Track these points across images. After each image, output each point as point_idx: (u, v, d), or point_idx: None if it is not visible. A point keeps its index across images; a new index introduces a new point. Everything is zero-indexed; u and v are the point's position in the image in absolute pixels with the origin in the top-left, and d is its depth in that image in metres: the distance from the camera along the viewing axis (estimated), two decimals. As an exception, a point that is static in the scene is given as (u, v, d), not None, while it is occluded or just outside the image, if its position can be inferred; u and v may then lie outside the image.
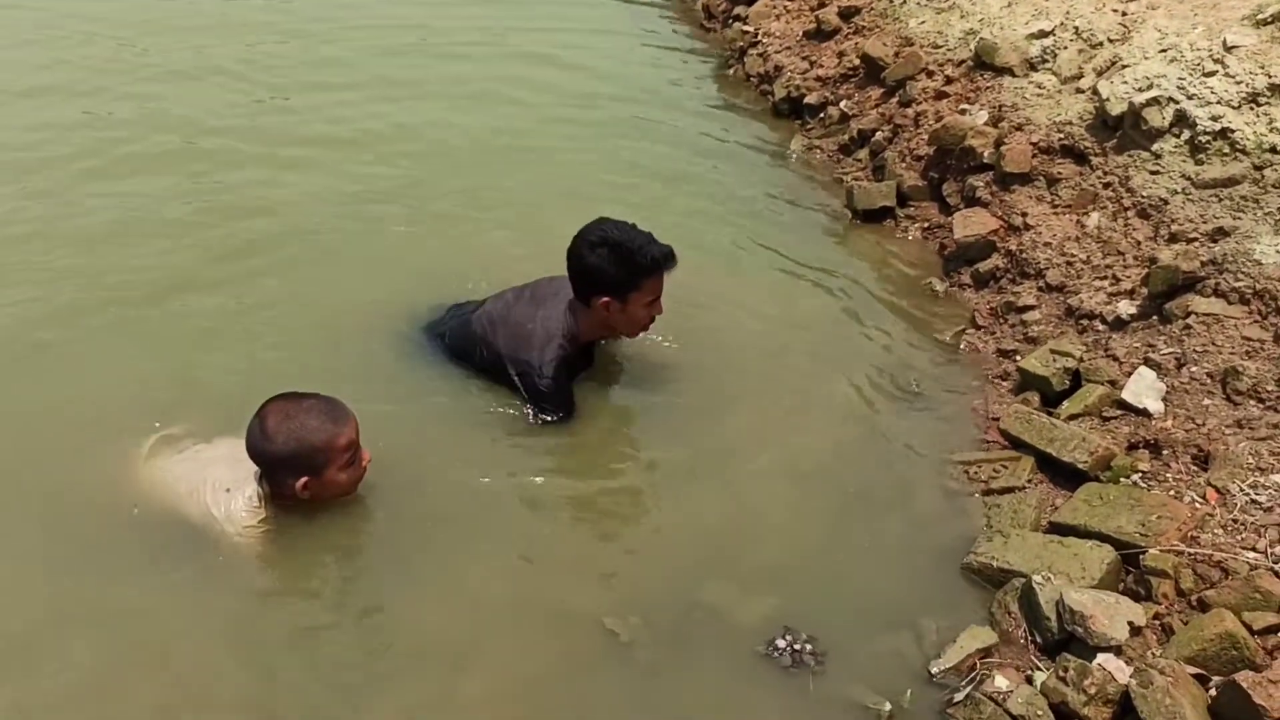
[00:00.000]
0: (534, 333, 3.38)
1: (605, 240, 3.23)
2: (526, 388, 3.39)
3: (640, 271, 3.26)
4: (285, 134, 5.23)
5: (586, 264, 3.26)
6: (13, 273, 3.92)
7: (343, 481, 2.91)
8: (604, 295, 3.28)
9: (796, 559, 3.00)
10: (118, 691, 2.50)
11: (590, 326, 3.43)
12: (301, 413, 2.82)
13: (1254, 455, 2.91)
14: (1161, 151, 3.83)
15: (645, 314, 3.38)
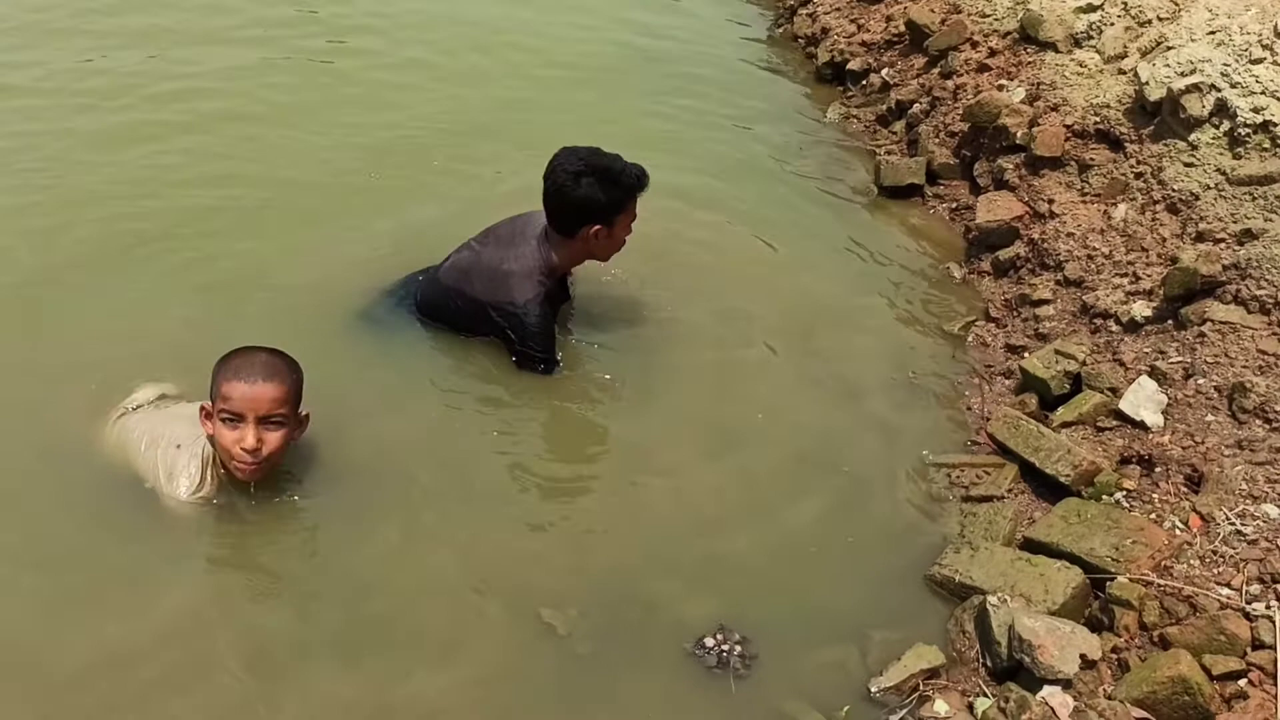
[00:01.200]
0: (511, 272, 3.32)
1: (590, 168, 3.20)
2: (513, 328, 3.33)
3: (626, 193, 3.26)
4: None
5: (576, 196, 3.20)
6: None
7: (221, 433, 2.66)
8: (595, 224, 3.25)
9: (750, 556, 2.89)
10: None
11: (568, 257, 3.39)
12: (241, 354, 2.70)
13: (1248, 481, 2.72)
14: (1198, 142, 3.59)
15: (623, 235, 3.37)
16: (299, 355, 2.80)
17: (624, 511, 3.02)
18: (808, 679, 2.55)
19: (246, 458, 2.61)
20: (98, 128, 4.54)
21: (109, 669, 2.44)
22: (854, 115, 5.19)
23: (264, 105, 4.84)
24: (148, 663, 2.46)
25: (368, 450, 3.09)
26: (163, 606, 2.60)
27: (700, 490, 3.11)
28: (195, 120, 4.65)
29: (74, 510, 2.79)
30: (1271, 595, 2.42)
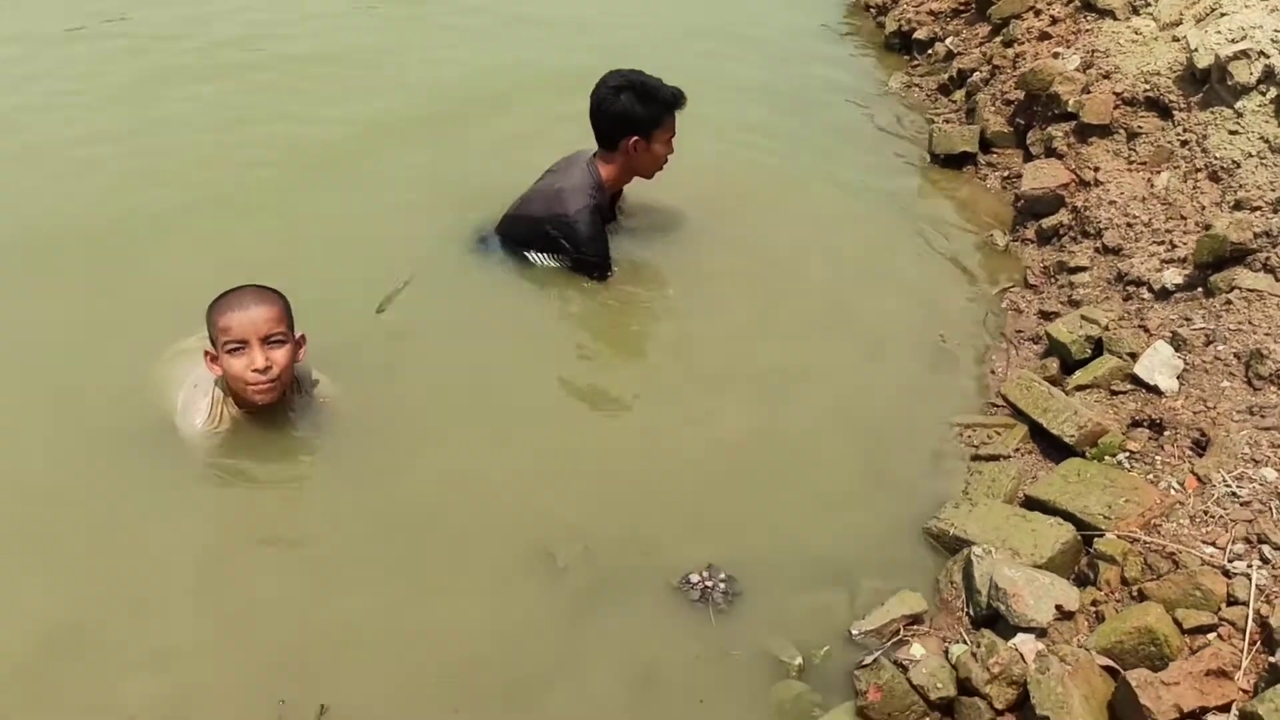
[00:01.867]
0: (563, 188, 3.67)
1: (629, 84, 3.58)
2: (568, 238, 3.66)
3: (663, 108, 3.60)
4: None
5: (614, 109, 3.58)
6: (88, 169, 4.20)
7: (229, 365, 2.81)
8: (632, 135, 3.60)
9: (756, 502, 2.98)
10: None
11: (613, 174, 3.73)
12: (228, 293, 2.85)
13: (1251, 445, 2.72)
14: (1244, 110, 3.54)
15: (664, 151, 3.70)
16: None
17: (645, 450, 3.16)
18: (792, 618, 2.63)
19: (260, 379, 2.77)
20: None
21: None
22: (916, 84, 5.21)
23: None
24: (163, 580, 2.66)
25: (407, 380, 3.30)
26: (180, 529, 2.80)
27: (722, 433, 3.21)
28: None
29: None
30: (1256, 555, 2.43)
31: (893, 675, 2.39)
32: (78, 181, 4.22)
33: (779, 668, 2.52)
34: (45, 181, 4.23)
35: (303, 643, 2.53)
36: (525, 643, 2.59)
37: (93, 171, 4.28)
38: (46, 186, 4.19)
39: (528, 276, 3.79)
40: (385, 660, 2.52)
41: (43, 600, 2.58)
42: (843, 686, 2.47)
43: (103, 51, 5.36)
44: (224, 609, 2.62)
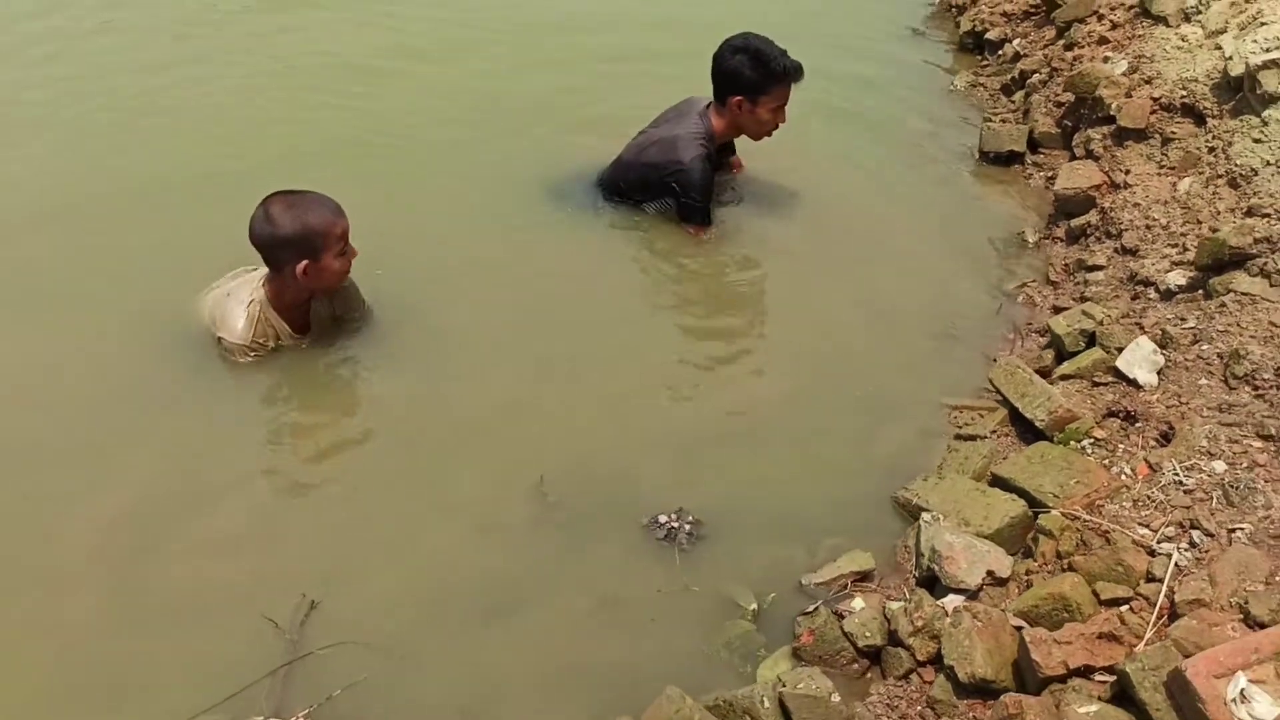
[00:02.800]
0: (679, 136, 3.96)
1: (746, 47, 3.81)
2: (679, 183, 3.96)
3: (771, 77, 3.82)
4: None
5: (727, 65, 3.84)
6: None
7: (335, 269, 3.22)
8: (738, 95, 3.85)
9: (746, 460, 3.19)
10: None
11: (723, 127, 3.99)
12: (304, 202, 3.15)
13: (1210, 439, 2.82)
14: (1270, 119, 3.60)
15: (771, 119, 3.94)
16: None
17: (654, 403, 3.42)
18: (751, 566, 2.84)
19: (350, 267, 3.28)
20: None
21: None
22: (981, 83, 5.30)
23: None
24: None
25: (456, 313, 3.69)
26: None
27: (733, 394, 3.48)
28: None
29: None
30: (1185, 539, 2.55)
31: (826, 621, 2.60)
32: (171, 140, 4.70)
33: (733, 608, 2.74)
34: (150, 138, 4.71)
35: (321, 547, 2.88)
36: (508, 568, 2.87)
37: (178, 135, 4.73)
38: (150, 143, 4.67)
39: (603, 228, 4.19)
40: (383, 573, 2.83)
41: (112, 492, 2.98)
42: (788, 631, 2.67)
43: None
44: (261, 512, 3.00)
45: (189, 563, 2.79)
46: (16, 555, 2.78)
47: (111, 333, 3.51)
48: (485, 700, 2.51)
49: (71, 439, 3.15)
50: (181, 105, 5.00)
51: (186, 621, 2.64)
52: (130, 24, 5.83)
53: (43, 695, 2.47)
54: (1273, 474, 2.65)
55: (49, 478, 3.03)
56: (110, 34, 5.73)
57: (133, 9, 5.98)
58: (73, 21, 5.80)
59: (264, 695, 2.46)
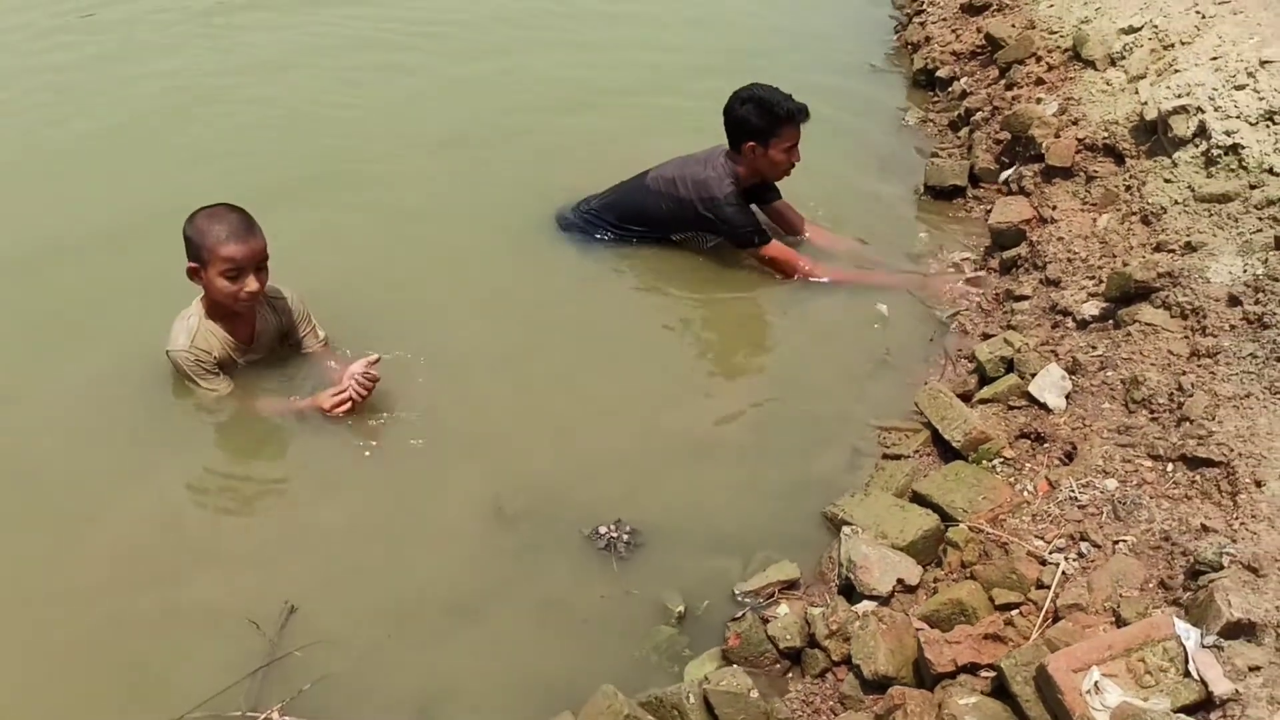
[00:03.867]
0: (710, 177, 4.28)
1: (752, 96, 4.17)
2: (720, 217, 4.30)
3: (777, 121, 4.16)
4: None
5: (736, 115, 4.20)
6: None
7: (219, 287, 3.35)
8: (750, 140, 4.20)
9: (689, 478, 3.47)
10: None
11: (745, 171, 4.31)
12: (222, 217, 3.32)
13: (1105, 458, 3.10)
14: (1179, 160, 3.88)
15: (785, 159, 4.27)
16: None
17: (609, 423, 3.70)
18: (687, 575, 3.11)
19: (249, 299, 3.39)
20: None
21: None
22: (931, 119, 5.59)
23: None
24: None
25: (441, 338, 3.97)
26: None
27: (677, 412, 3.75)
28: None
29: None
30: (1075, 550, 2.83)
31: (751, 625, 2.86)
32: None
33: (666, 613, 3.00)
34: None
35: (299, 560, 3.15)
36: (466, 577, 3.14)
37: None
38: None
39: (592, 257, 4.50)
40: (354, 583, 3.11)
41: (110, 519, 3.27)
42: (721, 635, 2.93)
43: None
44: (246, 532, 3.30)
45: (184, 579, 3.07)
46: (19, 576, 3.05)
47: (105, 363, 3.77)
48: (441, 697, 2.78)
49: (71, 468, 3.42)
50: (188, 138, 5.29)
51: (177, 631, 2.91)
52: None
53: (45, 698, 2.73)
54: (1159, 490, 2.92)
55: (52, 504, 3.29)
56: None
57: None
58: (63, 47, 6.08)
59: (243, 694, 2.72)
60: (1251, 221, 3.50)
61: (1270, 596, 2.34)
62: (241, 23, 6.74)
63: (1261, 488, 2.68)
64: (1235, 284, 3.31)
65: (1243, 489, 2.71)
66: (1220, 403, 3.00)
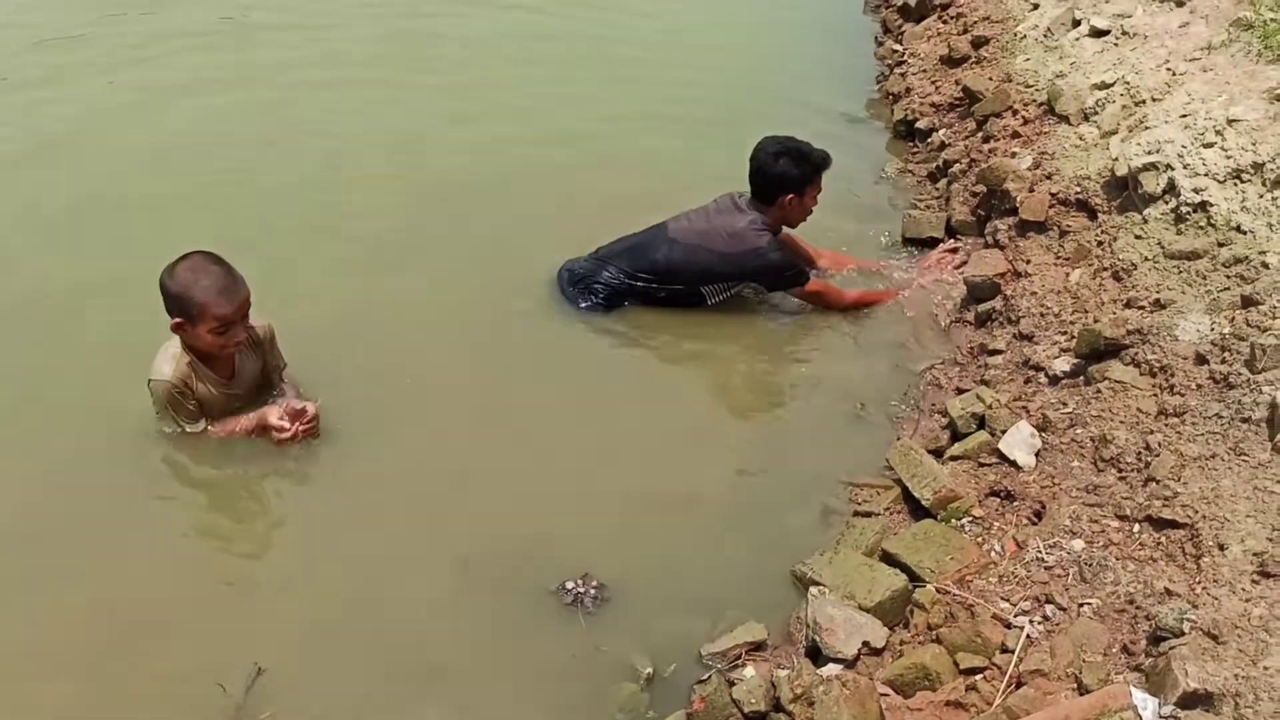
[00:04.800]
0: (746, 230, 4.32)
1: (785, 150, 4.25)
2: (769, 265, 4.36)
3: (815, 170, 4.30)
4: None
5: (775, 171, 4.25)
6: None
7: (207, 342, 3.37)
8: (788, 193, 4.27)
9: (660, 533, 3.46)
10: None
11: (774, 221, 4.37)
12: (204, 270, 3.30)
13: (1073, 519, 3.10)
14: (1149, 217, 3.91)
15: (811, 205, 4.39)
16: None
17: (580, 476, 3.69)
18: (654, 633, 3.08)
19: (236, 348, 3.48)
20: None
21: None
22: (910, 171, 5.63)
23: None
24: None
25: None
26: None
27: (652, 467, 3.74)
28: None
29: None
30: (1040, 613, 2.82)
31: (716, 688, 2.85)
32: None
33: (633, 672, 2.99)
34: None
35: (261, 617, 3.14)
36: (432, 634, 3.12)
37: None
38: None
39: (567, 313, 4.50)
40: (318, 641, 3.09)
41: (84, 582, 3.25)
42: (685, 698, 2.92)
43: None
44: (215, 594, 3.25)
45: (148, 642, 3.04)
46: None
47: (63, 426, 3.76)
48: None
49: (32, 531, 3.39)
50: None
51: (143, 694, 2.89)
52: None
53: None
54: (1125, 552, 2.92)
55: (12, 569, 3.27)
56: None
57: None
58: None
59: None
60: (1219, 279, 3.52)
61: (1229, 664, 2.33)
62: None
63: (1224, 551, 2.67)
64: (1202, 342, 3.32)
65: (1206, 552, 2.71)
66: (1186, 463, 3.00)
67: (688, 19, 7.88)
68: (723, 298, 4.45)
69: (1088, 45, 5.01)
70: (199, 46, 6.88)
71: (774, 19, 7.92)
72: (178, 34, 7.02)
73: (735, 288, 4.44)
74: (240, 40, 7.06)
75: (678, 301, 4.43)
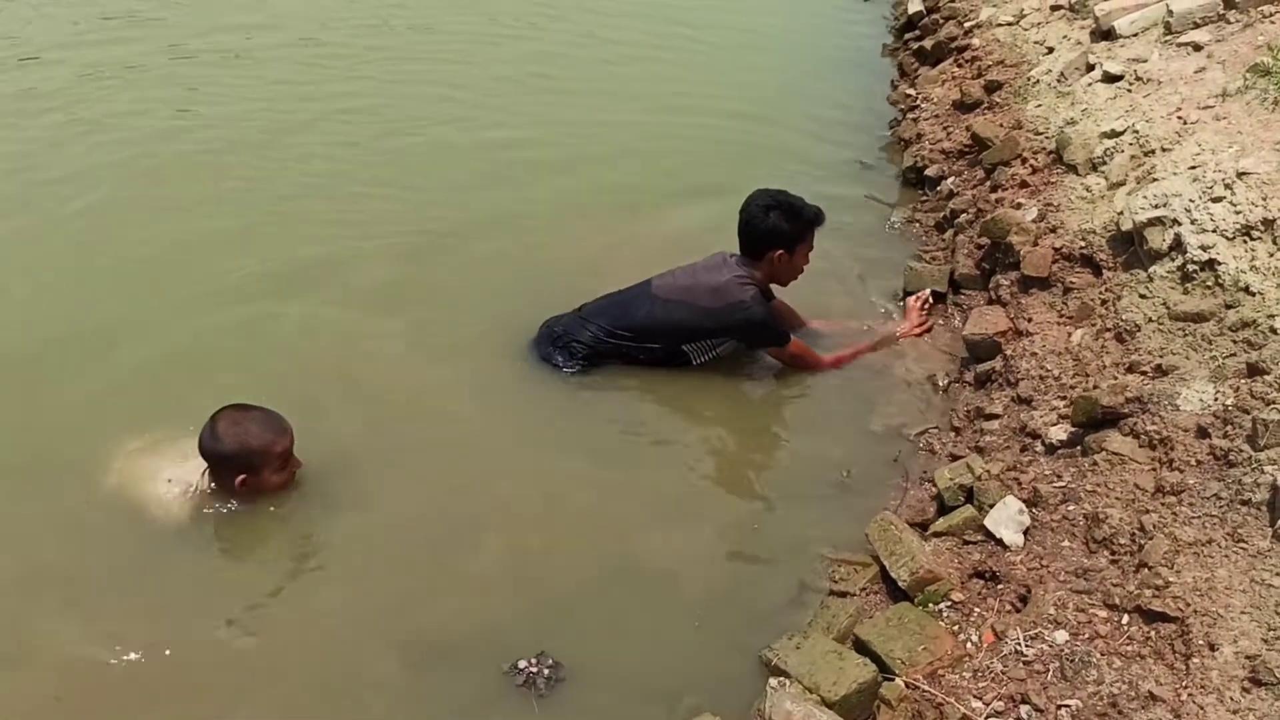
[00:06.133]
0: (730, 284, 4.13)
1: (777, 204, 4.07)
2: (751, 321, 4.14)
3: (806, 226, 4.13)
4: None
5: (765, 225, 4.08)
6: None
7: (275, 482, 3.49)
8: (778, 249, 4.10)
9: (616, 609, 3.26)
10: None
11: (762, 277, 4.20)
12: (247, 420, 3.42)
13: (1058, 606, 2.86)
14: (1154, 275, 3.67)
15: (802, 263, 4.22)
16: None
17: (539, 548, 3.50)
18: (610, 718, 2.90)
19: (291, 478, 3.52)
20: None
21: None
22: (917, 220, 5.41)
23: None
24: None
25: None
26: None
27: (619, 537, 3.54)
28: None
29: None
30: (1014, 715, 2.58)
31: (663, 787, 2.63)
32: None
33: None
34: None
35: (209, 702, 2.97)
36: (381, 711, 2.94)
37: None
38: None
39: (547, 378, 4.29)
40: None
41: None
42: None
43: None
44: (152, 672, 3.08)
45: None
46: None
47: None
48: None
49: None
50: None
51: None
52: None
53: None
54: (1111, 645, 2.68)
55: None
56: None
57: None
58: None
59: None
60: (1225, 344, 3.28)
61: (1209, 790, 2.08)
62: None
63: (1215, 652, 2.43)
64: (1205, 414, 3.08)
65: (1195, 651, 2.47)
66: (1180, 548, 2.76)
67: (697, 59, 7.75)
68: (708, 357, 4.24)
69: (1100, 91, 4.79)
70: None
71: (787, 61, 7.76)
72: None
73: (719, 346, 4.25)
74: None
75: (659, 362, 4.22)
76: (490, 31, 8.12)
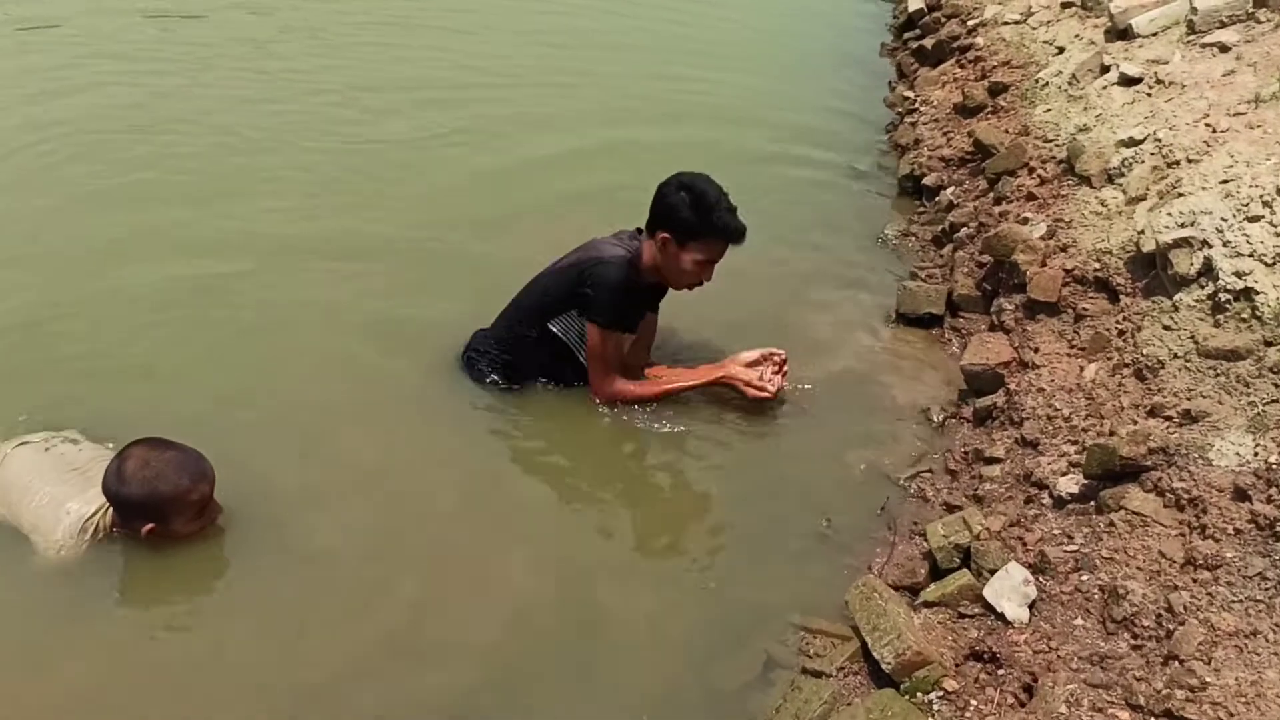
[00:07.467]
0: (604, 247, 3.63)
1: (692, 186, 3.46)
2: (590, 279, 3.56)
3: (707, 226, 3.45)
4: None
5: (667, 199, 3.49)
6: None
7: (188, 532, 3.03)
8: (668, 232, 3.48)
9: (556, 680, 2.81)
10: None
11: (647, 260, 3.61)
12: (161, 462, 2.93)
13: (1070, 703, 2.40)
14: (1181, 304, 3.21)
15: (694, 271, 3.55)
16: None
17: (483, 601, 3.06)
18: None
19: (205, 526, 3.06)
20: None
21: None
22: (913, 233, 4.96)
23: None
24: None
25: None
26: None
27: (575, 597, 3.09)
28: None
29: None
30: (1017, 847, 2.12)
31: None
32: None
33: None
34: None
35: None
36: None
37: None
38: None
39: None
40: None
41: None
42: None
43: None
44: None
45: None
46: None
47: None
48: None
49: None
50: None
51: None
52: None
53: None
54: (1135, 760, 2.21)
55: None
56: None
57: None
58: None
59: None
60: (1266, 388, 2.82)
61: None
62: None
63: (1266, 783, 1.95)
64: (1243, 471, 2.62)
65: (1242, 780, 1.99)
66: (1219, 639, 2.30)
67: (687, 59, 7.31)
68: (577, 331, 3.70)
69: (1116, 95, 4.33)
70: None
71: (784, 58, 7.30)
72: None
73: (576, 326, 3.70)
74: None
75: (547, 364, 3.77)
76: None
